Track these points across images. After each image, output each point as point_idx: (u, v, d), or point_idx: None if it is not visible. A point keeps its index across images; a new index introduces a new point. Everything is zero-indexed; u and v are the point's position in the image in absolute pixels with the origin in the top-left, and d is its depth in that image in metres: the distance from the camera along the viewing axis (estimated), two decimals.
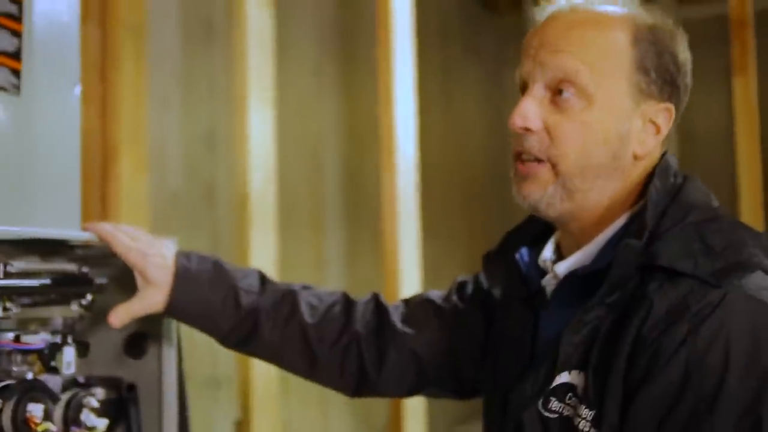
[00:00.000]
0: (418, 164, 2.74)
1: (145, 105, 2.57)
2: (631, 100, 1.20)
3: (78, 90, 1.35)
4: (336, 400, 3.78)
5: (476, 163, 5.02)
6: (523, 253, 1.33)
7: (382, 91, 2.65)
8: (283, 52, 3.16)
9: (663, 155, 1.25)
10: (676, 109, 1.24)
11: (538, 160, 1.20)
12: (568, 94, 1.18)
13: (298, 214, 3.57)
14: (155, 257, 1.35)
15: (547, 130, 1.19)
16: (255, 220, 2.47)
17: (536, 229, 1.35)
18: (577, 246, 1.24)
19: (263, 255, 2.50)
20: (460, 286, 1.51)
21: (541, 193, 1.20)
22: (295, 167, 3.52)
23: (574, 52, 1.18)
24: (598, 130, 1.18)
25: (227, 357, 3.07)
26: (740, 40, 2.20)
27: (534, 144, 1.20)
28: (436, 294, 1.53)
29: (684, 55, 1.24)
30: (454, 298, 1.49)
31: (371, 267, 3.79)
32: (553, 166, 1.19)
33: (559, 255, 1.28)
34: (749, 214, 2.21)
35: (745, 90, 2.19)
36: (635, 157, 1.21)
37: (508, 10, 5.09)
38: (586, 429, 1.12)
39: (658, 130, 1.22)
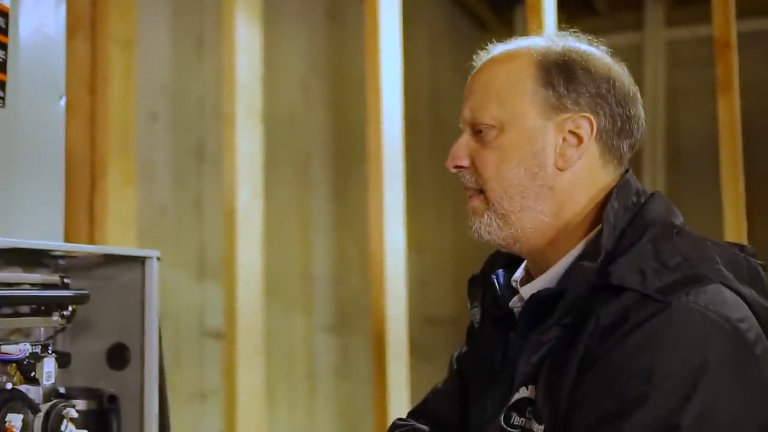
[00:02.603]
0: (407, 179, 2.75)
1: (134, 118, 2.58)
2: (540, 116, 1.24)
3: (63, 102, 1.36)
4: (323, 411, 3.78)
5: None
6: (499, 274, 1.35)
7: (371, 107, 2.67)
8: (272, 66, 3.18)
9: (624, 174, 1.27)
10: (612, 118, 1.25)
11: (475, 192, 1.28)
12: (483, 127, 1.26)
13: (286, 228, 3.58)
14: None
15: (473, 163, 1.27)
16: (242, 234, 2.48)
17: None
18: (540, 269, 1.26)
19: (250, 268, 2.50)
20: (458, 359, 1.51)
21: (479, 223, 1.27)
22: (283, 181, 3.54)
23: (480, 90, 1.28)
24: (512, 153, 1.24)
25: (213, 370, 3.07)
26: (724, 61, 2.22)
27: (468, 178, 1.28)
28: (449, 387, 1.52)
29: (604, 69, 1.26)
30: (456, 367, 1.50)
31: (360, 281, 3.80)
32: (484, 194, 1.26)
33: (530, 277, 1.30)
34: (732, 227, 2.22)
35: (728, 108, 2.21)
36: (560, 170, 1.24)
37: (498, 26, 5.12)
38: None
39: (580, 141, 1.24)
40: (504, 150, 1.24)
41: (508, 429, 1.19)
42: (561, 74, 1.24)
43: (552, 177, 1.23)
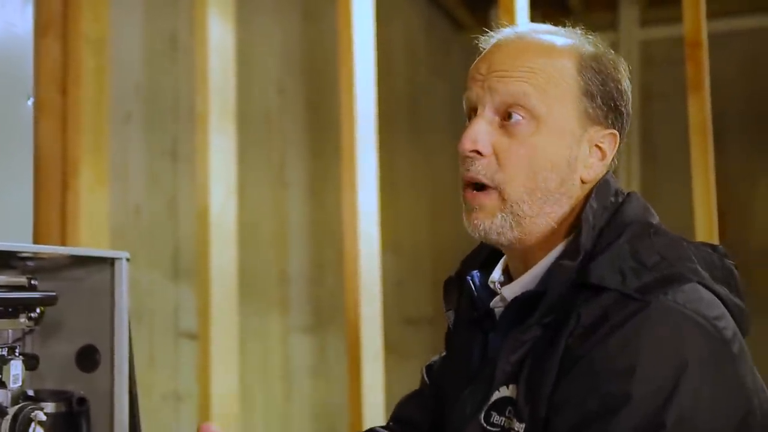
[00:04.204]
0: (382, 178, 2.74)
1: (107, 118, 2.57)
2: (579, 125, 1.21)
3: (31, 102, 1.35)
4: (299, 412, 3.77)
5: (444, 180, 5.05)
6: (474, 275, 1.33)
7: (345, 105, 2.65)
8: (247, 66, 3.16)
9: (604, 174, 1.26)
10: (620, 135, 1.26)
11: (485, 188, 1.21)
12: (517, 117, 1.19)
13: (261, 228, 3.57)
14: None
15: (496, 154, 1.20)
16: (216, 233, 2.46)
17: (487, 252, 1.36)
18: (525, 268, 1.25)
19: (224, 268, 2.49)
20: (429, 369, 1.50)
21: (489, 223, 1.21)
22: (258, 181, 3.52)
23: (523, 77, 1.20)
24: (547, 154, 1.19)
25: (188, 371, 3.06)
26: (695, 60, 2.24)
27: (481, 169, 1.20)
28: (417, 391, 1.51)
29: (626, 83, 1.27)
30: (427, 380, 1.49)
31: (336, 281, 3.79)
32: (500, 192, 1.20)
33: (508, 276, 1.30)
34: (703, 225, 2.22)
35: (699, 107, 2.22)
36: (582, 182, 1.23)
37: (474, 26, 5.13)
38: None
39: (603, 156, 1.24)
40: (539, 149, 1.19)
41: (488, 428, 1.19)
42: (598, 83, 1.22)
43: (575, 188, 1.22)
